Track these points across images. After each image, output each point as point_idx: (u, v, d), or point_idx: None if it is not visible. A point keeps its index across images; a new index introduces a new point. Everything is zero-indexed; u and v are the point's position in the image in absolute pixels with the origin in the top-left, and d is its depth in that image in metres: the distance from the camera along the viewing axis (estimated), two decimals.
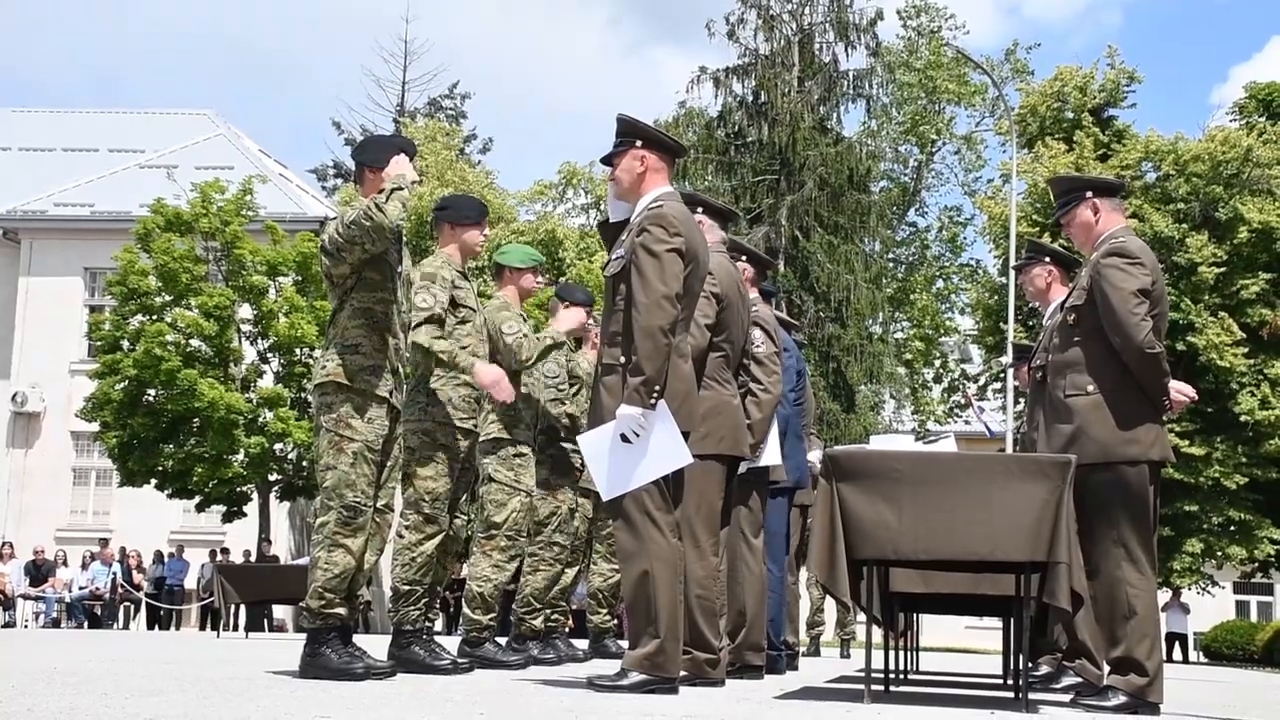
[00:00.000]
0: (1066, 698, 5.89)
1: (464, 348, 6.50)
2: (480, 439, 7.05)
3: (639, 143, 5.33)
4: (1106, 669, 5.60)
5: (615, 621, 8.45)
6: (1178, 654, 30.00)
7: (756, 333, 6.76)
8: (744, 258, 7.22)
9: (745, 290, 6.28)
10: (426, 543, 6.41)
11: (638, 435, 4.91)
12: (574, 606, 8.33)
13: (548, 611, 8.13)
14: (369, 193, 5.64)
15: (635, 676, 4.94)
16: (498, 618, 7.33)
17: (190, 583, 26.59)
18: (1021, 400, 23.15)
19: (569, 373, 8.19)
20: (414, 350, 6.16)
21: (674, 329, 5.01)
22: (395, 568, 6.46)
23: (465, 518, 6.77)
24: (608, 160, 5.46)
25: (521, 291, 7.56)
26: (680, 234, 5.10)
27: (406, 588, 6.41)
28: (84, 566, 26.04)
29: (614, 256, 5.25)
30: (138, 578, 26.09)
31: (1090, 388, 5.36)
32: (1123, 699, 5.19)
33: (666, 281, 5.00)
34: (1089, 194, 5.66)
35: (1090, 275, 5.45)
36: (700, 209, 6.25)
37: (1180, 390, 5.52)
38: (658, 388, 4.93)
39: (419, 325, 6.25)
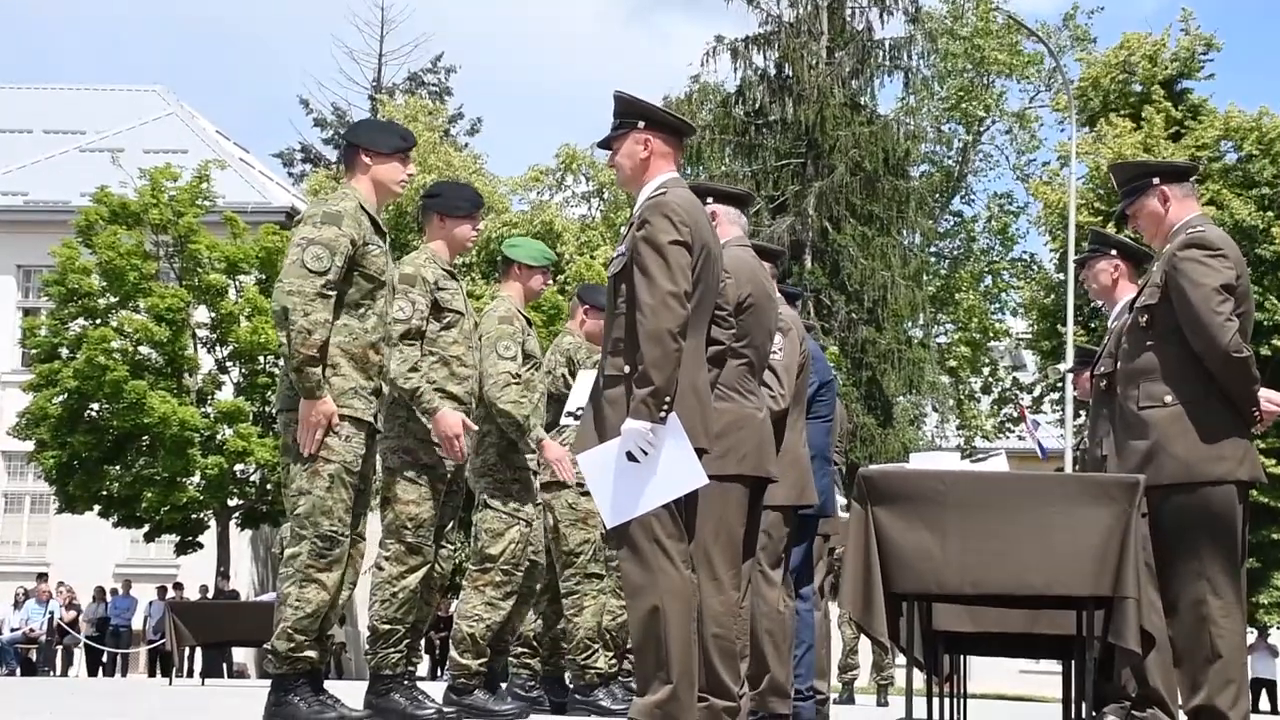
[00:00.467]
0: None
1: (451, 357, 6.53)
2: (475, 463, 7.08)
3: (641, 124, 5.27)
4: (1183, 719, 5.60)
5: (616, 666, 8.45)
6: (1265, 703, 29.90)
7: (776, 338, 6.81)
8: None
9: (773, 291, 6.29)
10: (409, 576, 6.41)
11: (646, 453, 4.89)
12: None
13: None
14: (361, 175, 5.72)
15: None
16: (488, 662, 7.34)
17: (138, 623, 26.59)
18: (1082, 413, 23.13)
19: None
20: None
21: (684, 332, 4.99)
22: (373, 604, 6.45)
23: (451, 547, 6.77)
24: (606, 144, 5.43)
25: (528, 292, 7.60)
26: (687, 224, 5.08)
27: (386, 627, 6.41)
28: (17, 605, 26.06)
29: (616, 254, 5.24)
30: (69, 615, 26.01)
31: (1168, 398, 5.35)
32: None
33: (674, 278, 4.96)
34: (1156, 181, 5.67)
35: (1165, 270, 5.44)
36: (710, 198, 6.26)
37: (1272, 399, 5.50)
38: (668, 399, 4.91)
39: (394, 343, 6.26)
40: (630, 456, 4.90)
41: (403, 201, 26.27)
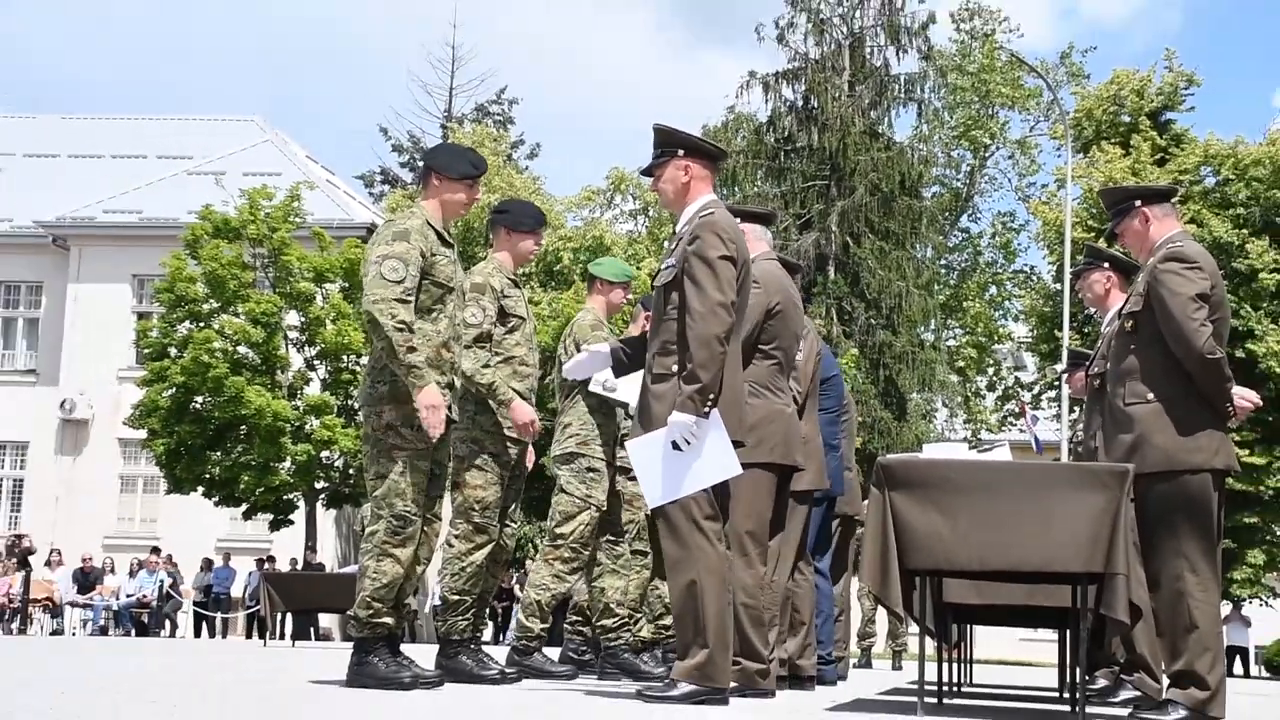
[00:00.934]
0: (1124, 712, 5.84)
1: (512, 357, 6.55)
2: (556, 451, 7.11)
3: (680, 152, 5.32)
4: (1166, 682, 5.54)
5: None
6: (1238, 668, 29.66)
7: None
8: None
9: (799, 299, 6.28)
10: (476, 552, 6.43)
11: (689, 443, 4.90)
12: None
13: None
14: (431, 196, 5.69)
15: (685, 687, 4.93)
16: (549, 628, 7.35)
17: (237, 591, 26.77)
18: (1077, 409, 23.01)
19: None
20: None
21: (729, 337, 5.01)
22: (444, 577, 6.47)
23: (514, 525, 6.77)
24: (648, 172, 5.45)
25: (610, 306, 7.63)
26: (735, 240, 5.13)
27: (455, 597, 6.43)
28: (132, 575, 26.26)
29: (665, 266, 5.26)
30: (179, 585, 26.22)
31: (1150, 395, 5.31)
32: (1183, 713, 5.14)
33: (722, 289, 5.00)
34: (1138, 203, 5.65)
35: (1147, 281, 5.41)
36: (739, 219, 6.26)
37: (1244, 396, 5.46)
38: (712, 396, 4.93)
39: (469, 345, 6.31)
40: (675, 446, 4.90)
41: (470, 218, 26.32)
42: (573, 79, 78.79)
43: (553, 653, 7.90)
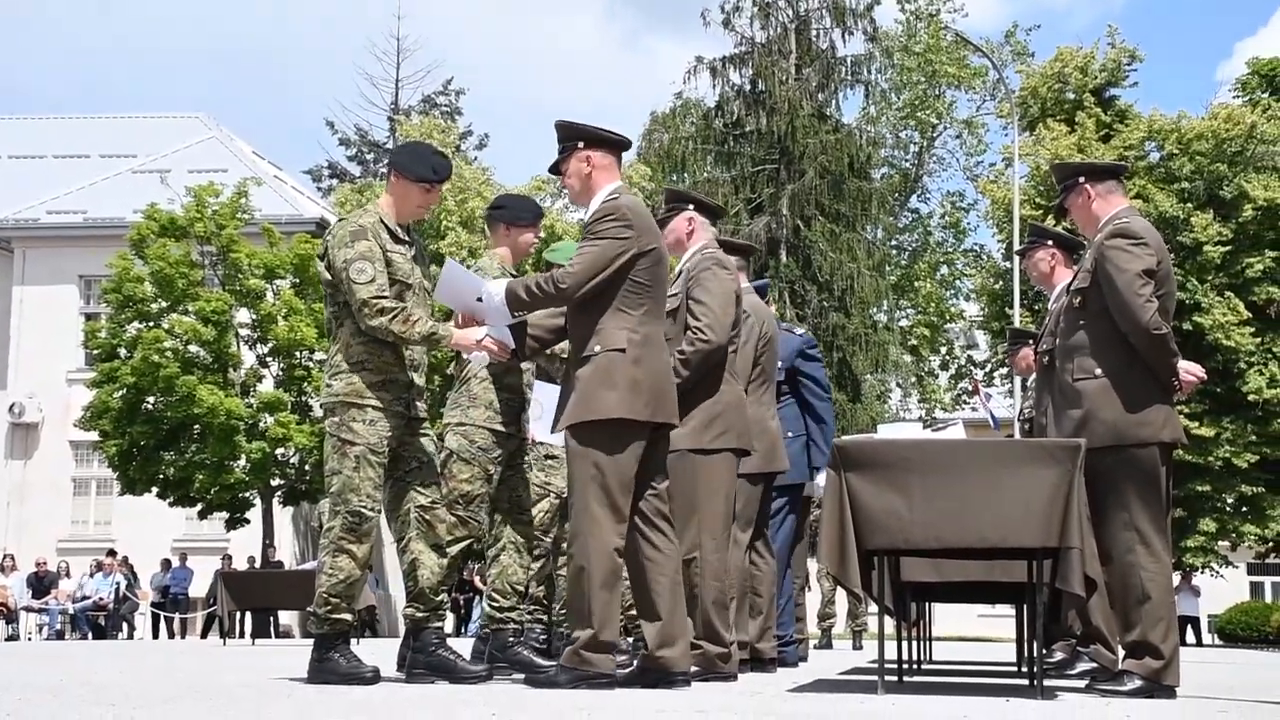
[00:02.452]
0: (1082, 683, 5.90)
1: None
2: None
3: (581, 144, 5.38)
4: (1121, 653, 5.61)
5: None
6: (1190, 637, 30.00)
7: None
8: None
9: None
10: (453, 546, 6.42)
11: (481, 300, 5.28)
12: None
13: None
14: (388, 193, 5.67)
15: (569, 673, 5.02)
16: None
17: (196, 591, 26.60)
18: (1029, 386, 23.16)
19: None
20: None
21: (576, 292, 5.15)
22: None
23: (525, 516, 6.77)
24: (555, 169, 5.52)
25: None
26: (631, 225, 5.19)
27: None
28: (91, 574, 26.04)
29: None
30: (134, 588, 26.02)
31: (1098, 370, 5.36)
32: (1138, 683, 5.20)
33: (594, 255, 5.14)
34: (1082, 179, 5.70)
35: (1094, 257, 5.46)
36: (691, 205, 6.35)
37: (1189, 370, 5.51)
38: (527, 305, 5.25)
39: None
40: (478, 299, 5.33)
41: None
42: (521, 68, 78.60)
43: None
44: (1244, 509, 29.11)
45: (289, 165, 47.37)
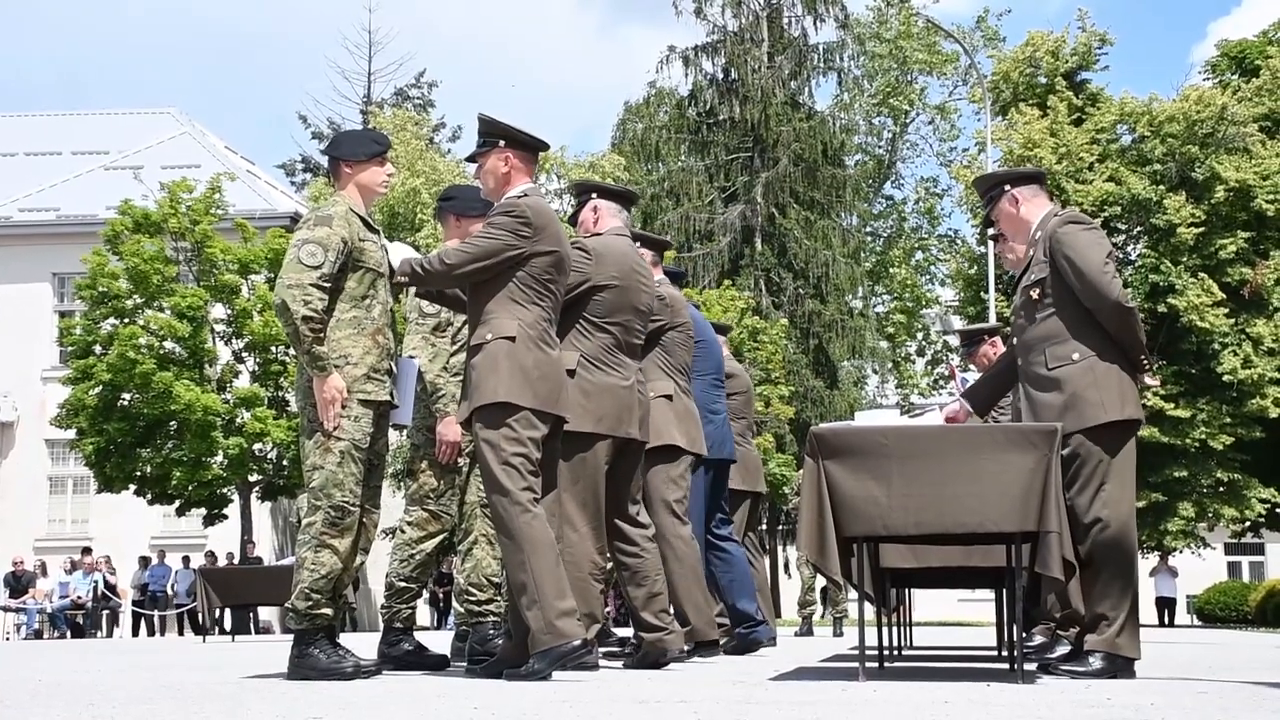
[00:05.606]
0: (1064, 667, 5.91)
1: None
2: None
3: (502, 143, 5.52)
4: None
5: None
6: (1166, 618, 30.15)
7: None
8: (637, 244, 7.49)
9: (645, 272, 6.31)
10: (427, 541, 6.39)
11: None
12: None
13: None
14: (345, 184, 5.63)
15: (545, 657, 5.01)
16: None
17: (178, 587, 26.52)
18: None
19: None
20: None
21: (457, 271, 5.30)
22: (393, 563, 6.42)
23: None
24: (473, 159, 5.65)
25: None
26: (530, 224, 5.33)
27: (402, 584, 6.39)
28: (69, 572, 25.94)
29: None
30: (112, 580, 25.92)
31: (1075, 355, 5.38)
32: (1099, 664, 5.24)
33: (483, 253, 5.28)
34: (1007, 187, 5.77)
35: (1046, 247, 5.49)
36: (595, 194, 6.41)
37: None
38: (418, 284, 5.59)
39: (426, 335, 6.44)
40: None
41: (393, 203, 26.11)
42: (493, 60, 78.41)
43: None
44: (1221, 490, 29.25)
45: (262, 159, 47.23)
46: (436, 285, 5.61)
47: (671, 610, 6.25)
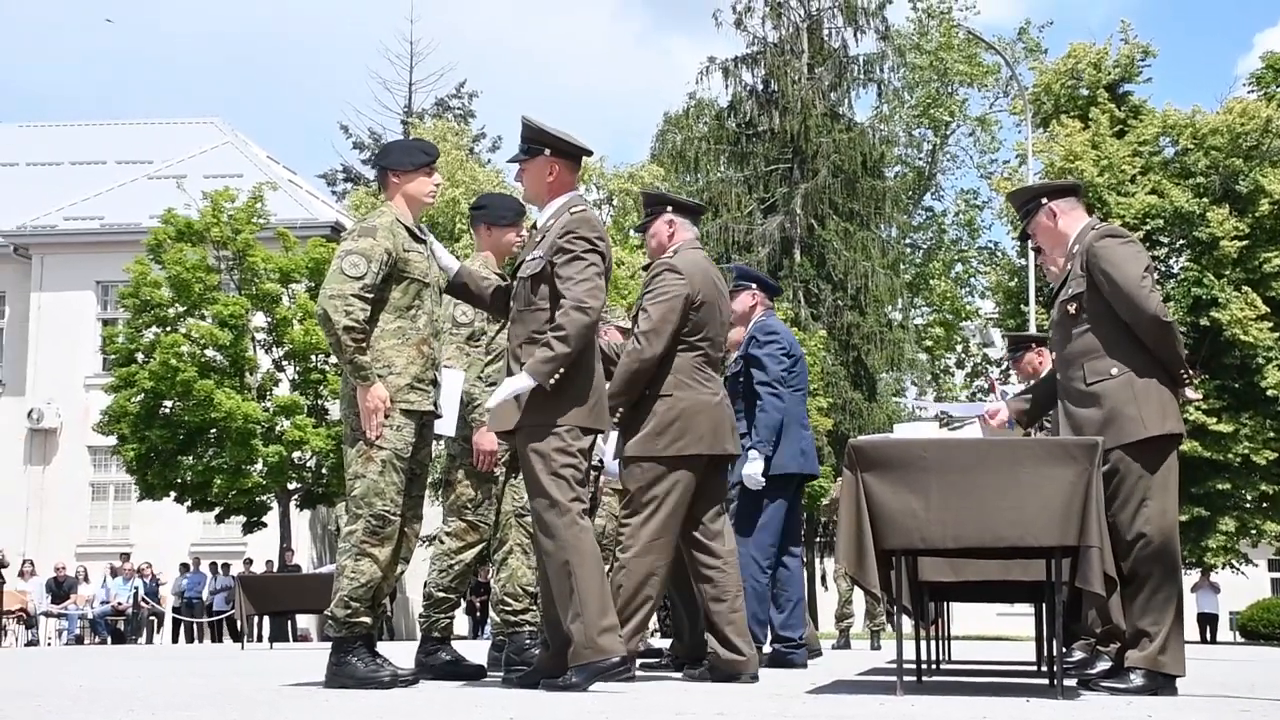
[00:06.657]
0: (1104, 684, 5.86)
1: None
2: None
3: (547, 151, 5.45)
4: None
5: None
6: (1209, 634, 29.87)
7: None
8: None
9: (723, 287, 6.28)
10: (466, 551, 6.39)
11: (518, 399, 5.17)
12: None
13: None
14: (394, 194, 5.65)
15: (583, 671, 5.00)
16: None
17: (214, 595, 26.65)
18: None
19: None
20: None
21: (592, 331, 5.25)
22: (432, 573, 6.42)
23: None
24: (515, 161, 5.57)
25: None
26: (603, 238, 5.34)
27: (441, 594, 6.39)
28: (113, 575, 26.11)
29: (530, 258, 5.37)
30: (162, 582, 26.10)
31: (1114, 370, 5.35)
32: (1140, 681, 5.19)
33: (593, 278, 5.20)
34: (1044, 200, 5.72)
35: (1083, 262, 5.45)
36: (670, 208, 6.32)
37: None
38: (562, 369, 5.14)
39: (461, 344, 6.41)
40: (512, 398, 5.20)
41: (433, 214, 26.14)
42: (533, 70, 78.65)
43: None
44: (1265, 505, 28.97)
45: (303, 169, 47.55)
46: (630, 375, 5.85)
47: (749, 633, 6.18)
